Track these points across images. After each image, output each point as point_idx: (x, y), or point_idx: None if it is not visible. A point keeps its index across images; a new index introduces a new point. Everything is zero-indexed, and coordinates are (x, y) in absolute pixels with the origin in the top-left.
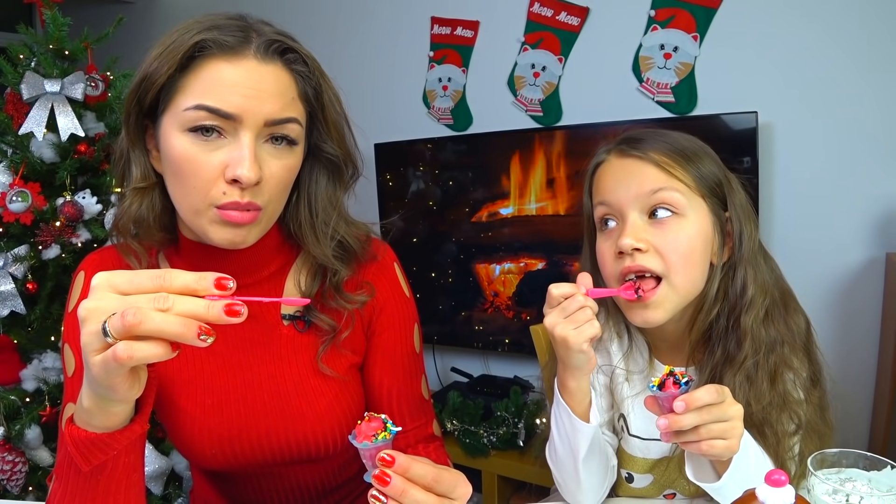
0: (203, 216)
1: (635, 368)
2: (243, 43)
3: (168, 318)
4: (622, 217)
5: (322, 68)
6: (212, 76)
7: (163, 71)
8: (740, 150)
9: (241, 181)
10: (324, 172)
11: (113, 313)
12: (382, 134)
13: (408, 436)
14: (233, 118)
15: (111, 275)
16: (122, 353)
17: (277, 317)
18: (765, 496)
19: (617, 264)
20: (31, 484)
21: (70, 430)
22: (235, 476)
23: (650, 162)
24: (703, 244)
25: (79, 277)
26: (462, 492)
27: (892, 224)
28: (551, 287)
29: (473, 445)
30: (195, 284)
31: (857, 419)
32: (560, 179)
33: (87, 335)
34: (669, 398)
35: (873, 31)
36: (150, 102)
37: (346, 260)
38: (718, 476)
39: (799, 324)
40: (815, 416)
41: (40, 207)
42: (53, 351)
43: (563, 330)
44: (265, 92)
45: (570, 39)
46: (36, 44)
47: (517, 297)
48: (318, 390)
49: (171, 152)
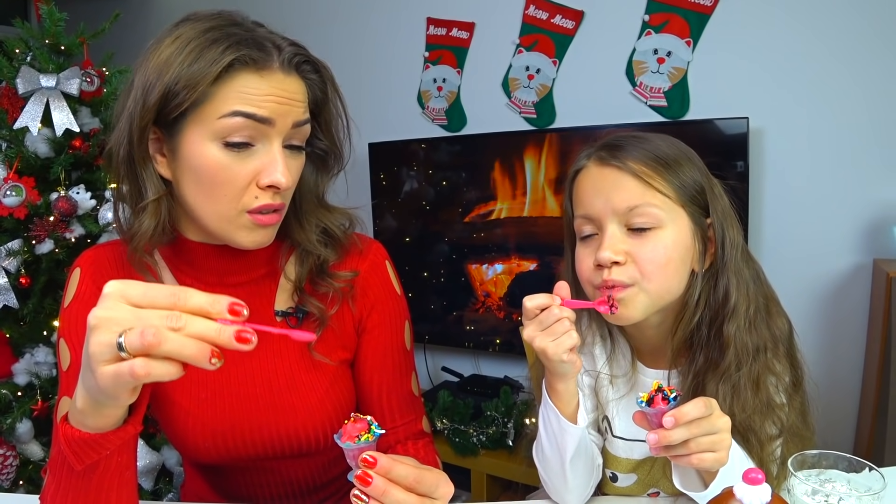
0: (233, 222)
1: (619, 372)
2: (268, 56)
3: (185, 342)
4: (601, 228)
5: (332, 74)
6: (245, 86)
7: (196, 86)
8: (731, 155)
9: (278, 186)
10: (309, 164)
11: (128, 328)
12: (377, 133)
13: (397, 432)
14: (268, 122)
15: (125, 285)
16: (140, 370)
17: (271, 312)
18: (742, 494)
19: (595, 275)
20: (22, 478)
21: (64, 429)
22: (227, 470)
23: (629, 173)
24: (682, 254)
25: (74, 273)
26: (443, 492)
27: (880, 230)
28: (526, 299)
29: (463, 444)
30: (209, 307)
31: (842, 423)
32: (552, 181)
33: (98, 345)
34: (658, 414)
35: (864, 39)
36: (178, 113)
37: (331, 245)
38: (705, 484)
39: (781, 327)
40: (797, 420)
41: (34, 202)
42: (46, 345)
43: (542, 342)
44: (292, 99)
45: (565, 42)
46: (32, 38)
47: (508, 298)
48: (309, 385)
49: (199, 161)
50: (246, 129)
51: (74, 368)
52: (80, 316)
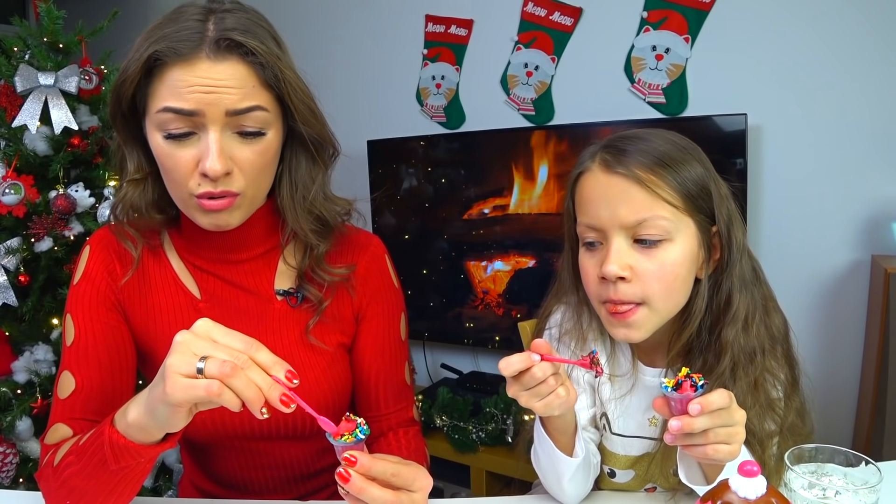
0: (187, 204)
1: (619, 372)
2: (196, 47)
3: (249, 384)
4: (606, 238)
5: (278, 54)
6: (171, 82)
7: (129, 81)
8: (730, 152)
9: (208, 174)
10: (302, 151)
11: (205, 355)
12: (375, 131)
13: (389, 418)
14: (195, 114)
15: (213, 326)
16: (215, 390)
17: (271, 291)
18: (737, 486)
19: (600, 289)
20: (22, 475)
21: (110, 433)
22: (222, 453)
23: (635, 182)
24: (689, 265)
25: (85, 251)
26: (421, 484)
27: (878, 227)
28: (501, 366)
29: (462, 441)
30: (272, 365)
31: (840, 420)
32: (551, 178)
33: (179, 358)
34: (685, 400)
35: (863, 35)
36: (128, 105)
37: (325, 234)
38: (706, 479)
39: (778, 325)
40: (796, 419)
41: (33, 200)
42: (45, 343)
43: (529, 402)
44: (221, 87)
45: (563, 39)
46: (30, 36)
47: (507, 295)
48: (306, 363)
49: (154, 149)
50: (177, 121)
51: (76, 343)
52: (87, 294)
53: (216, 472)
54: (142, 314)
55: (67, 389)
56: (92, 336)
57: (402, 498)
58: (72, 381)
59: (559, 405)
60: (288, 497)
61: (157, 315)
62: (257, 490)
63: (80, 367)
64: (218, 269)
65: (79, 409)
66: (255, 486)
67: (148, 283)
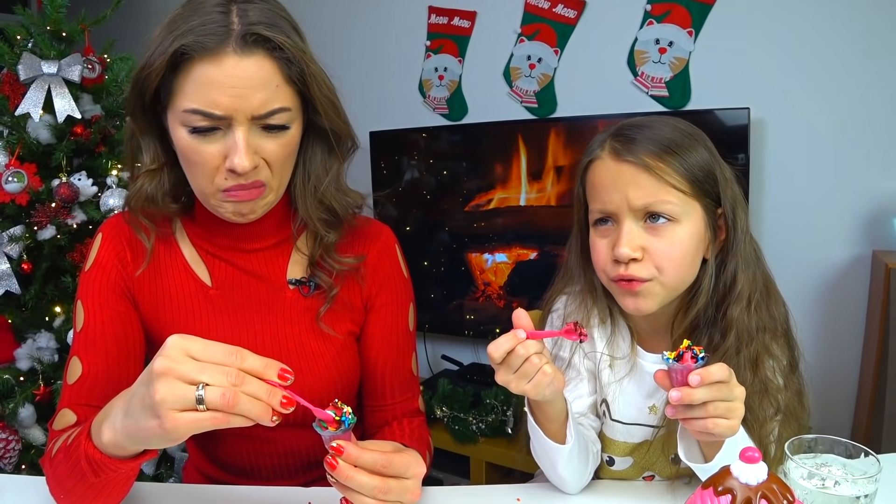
0: (212, 198)
1: (618, 354)
2: (223, 41)
3: (254, 404)
4: (617, 221)
5: (304, 49)
6: (198, 79)
7: (153, 75)
8: (732, 146)
9: (237, 170)
10: (319, 143)
11: (198, 381)
12: (378, 122)
13: (395, 408)
14: (223, 118)
15: (186, 341)
16: (222, 419)
17: (283, 280)
18: (738, 472)
19: (611, 268)
20: (24, 462)
21: (87, 448)
22: (229, 440)
23: (644, 169)
24: (697, 245)
25: (97, 239)
26: (415, 472)
27: (879, 221)
28: (490, 350)
29: (462, 432)
30: (262, 369)
31: (840, 413)
32: (553, 171)
33: (168, 395)
34: (685, 371)
35: (866, 30)
36: (151, 97)
37: (334, 225)
38: (705, 459)
39: (780, 311)
40: (794, 401)
41: (36, 188)
42: (48, 331)
43: (518, 386)
44: (249, 87)
45: (567, 32)
46: (33, 25)
47: (509, 287)
48: (317, 351)
49: (177, 143)
50: (204, 120)
51: (86, 329)
52: (97, 280)
53: (223, 459)
54: (151, 301)
55: (75, 375)
56: (101, 322)
57: (391, 484)
58: (79, 366)
59: (548, 383)
60: (294, 483)
61: (167, 301)
62: (264, 477)
63: (87, 352)
64: (231, 257)
65: (84, 394)
66: (262, 472)
67: (158, 270)
